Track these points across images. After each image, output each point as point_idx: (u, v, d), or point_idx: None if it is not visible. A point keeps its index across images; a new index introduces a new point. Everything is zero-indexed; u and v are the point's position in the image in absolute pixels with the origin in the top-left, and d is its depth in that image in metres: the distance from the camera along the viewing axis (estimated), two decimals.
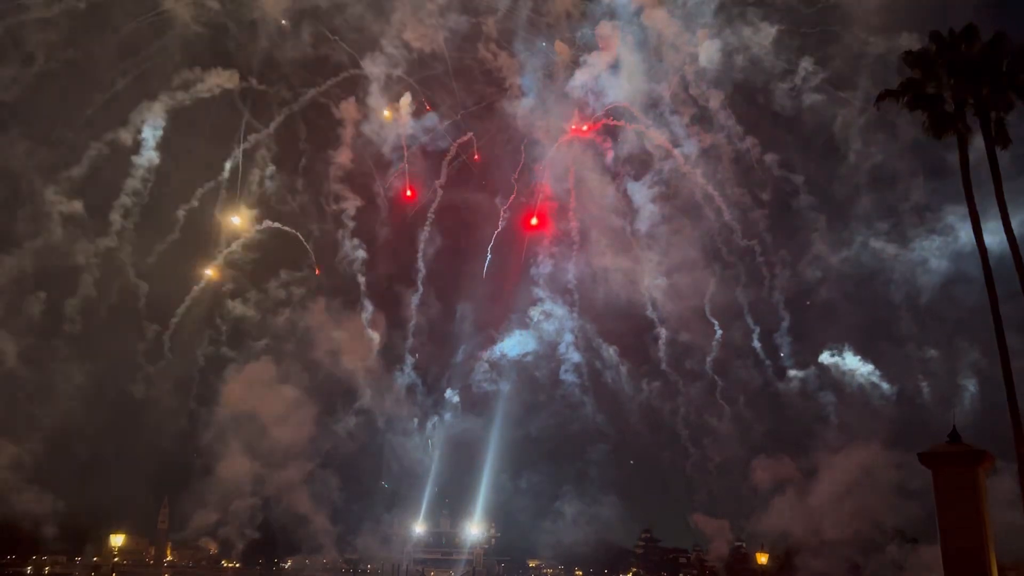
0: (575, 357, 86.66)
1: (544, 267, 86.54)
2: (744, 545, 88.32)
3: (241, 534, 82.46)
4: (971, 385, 74.82)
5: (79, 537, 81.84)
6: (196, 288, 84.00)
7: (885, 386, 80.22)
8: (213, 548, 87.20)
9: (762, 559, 71.62)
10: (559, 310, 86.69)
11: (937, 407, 76.57)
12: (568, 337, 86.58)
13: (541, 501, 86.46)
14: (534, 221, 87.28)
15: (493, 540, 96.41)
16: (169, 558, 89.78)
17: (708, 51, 79.49)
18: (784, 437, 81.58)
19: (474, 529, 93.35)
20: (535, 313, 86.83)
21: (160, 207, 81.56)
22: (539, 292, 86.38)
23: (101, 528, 76.65)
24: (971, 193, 41.35)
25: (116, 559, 70.34)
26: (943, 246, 76.50)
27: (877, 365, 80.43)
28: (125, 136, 79.44)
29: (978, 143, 41.63)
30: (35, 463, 74.47)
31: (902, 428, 74.64)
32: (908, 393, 79.33)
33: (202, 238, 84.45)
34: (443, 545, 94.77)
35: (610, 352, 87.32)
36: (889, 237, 79.42)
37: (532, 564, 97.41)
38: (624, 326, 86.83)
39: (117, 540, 66.54)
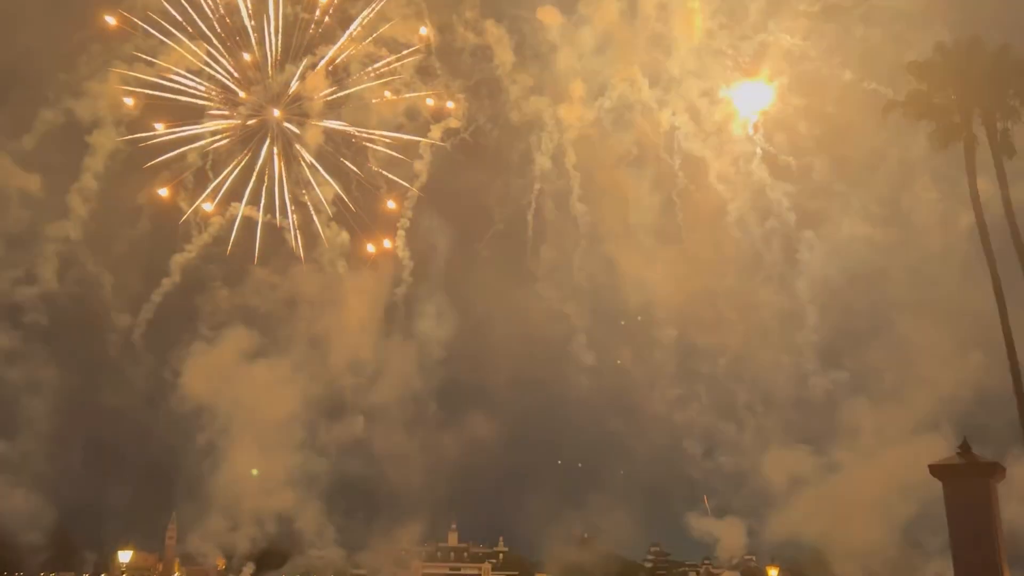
0: (585, 359, 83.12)
1: (547, 259, 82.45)
2: (754, 559, 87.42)
3: (248, 542, 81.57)
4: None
5: (75, 552, 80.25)
6: (167, 280, 77.98)
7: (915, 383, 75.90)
8: (221, 563, 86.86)
9: (772, 573, 71.11)
10: (566, 310, 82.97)
11: (968, 408, 73.06)
12: (577, 339, 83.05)
13: (549, 514, 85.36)
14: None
15: (501, 555, 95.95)
16: (177, 574, 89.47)
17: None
18: (806, 440, 78.65)
19: (482, 543, 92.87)
20: (538, 312, 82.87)
21: (123, 191, 75.56)
22: (542, 288, 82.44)
23: (105, 543, 75.53)
24: (979, 203, 41.50)
25: (124, 575, 69.68)
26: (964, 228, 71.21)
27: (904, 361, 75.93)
28: (81, 109, 73.32)
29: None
30: (20, 467, 70.62)
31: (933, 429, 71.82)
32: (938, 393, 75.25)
33: (170, 227, 77.88)
34: (450, 560, 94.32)
35: (622, 356, 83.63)
36: (901, 218, 75.10)
37: None
38: (634, 326, 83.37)
39: (125, 556, 65.50)
